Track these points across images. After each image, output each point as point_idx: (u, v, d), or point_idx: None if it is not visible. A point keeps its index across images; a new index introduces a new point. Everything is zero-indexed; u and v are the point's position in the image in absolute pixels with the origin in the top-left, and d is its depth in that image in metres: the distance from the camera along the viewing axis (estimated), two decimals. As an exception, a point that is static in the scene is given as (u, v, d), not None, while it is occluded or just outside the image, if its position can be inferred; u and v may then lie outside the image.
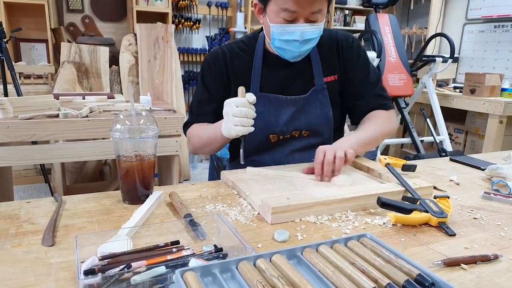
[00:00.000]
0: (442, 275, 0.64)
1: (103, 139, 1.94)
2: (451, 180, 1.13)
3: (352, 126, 1.31)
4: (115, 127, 0.89)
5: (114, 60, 3.33)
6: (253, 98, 1.00)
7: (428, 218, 0.81)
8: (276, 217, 0.81)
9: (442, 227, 0.80)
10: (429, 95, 3.36)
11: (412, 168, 1.10)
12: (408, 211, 0.82)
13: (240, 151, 1.05)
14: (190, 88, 4.02)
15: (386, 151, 4.17)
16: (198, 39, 4.09)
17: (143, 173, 0.90)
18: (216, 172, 2.76)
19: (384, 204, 0.82)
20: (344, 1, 4.40)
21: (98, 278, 0.55)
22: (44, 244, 0.70)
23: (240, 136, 1.02)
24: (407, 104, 3.30)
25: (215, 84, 1.23)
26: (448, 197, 0.89)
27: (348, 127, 2.63)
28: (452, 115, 3.72)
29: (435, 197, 0.89)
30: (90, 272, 0.56)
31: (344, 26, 4.52)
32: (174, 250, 0.65)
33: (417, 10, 4.51)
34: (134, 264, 0.58)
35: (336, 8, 4.42)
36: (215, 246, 0.66)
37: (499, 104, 3.00)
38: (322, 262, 0.59)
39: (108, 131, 0.90)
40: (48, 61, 3.32)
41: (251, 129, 1.01)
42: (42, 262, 0.65)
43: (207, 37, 4.01)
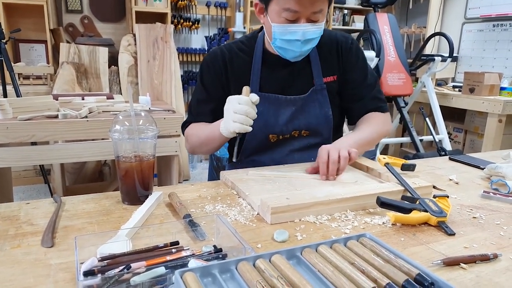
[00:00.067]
0: (442, 274, 0.64)
1: (103, 139, 1.94)
2: (451, 179, 1.13)
3: (351, 126, 1.33)
4: (114, 127, 0.89)
5: (113, 60, 3.33)
6: (256, 98, 1.00)
7: (428, 218, 0.81)
8: (276, 217, 0.81)
9: (442, 227, 0.80)
10: (428, 94, 3.36)
11: (411, 168, 1.10)
12: (407, 211, 0.82)
13: (234, 149, 1.04)
14: (189, 88, 4.02)
15: (385, 150, 4.17)
16: (197, 39, 4.09)
17: (142, 173, 0.90)
18: (216, 172, 2.76)
19: (383, 203, 0.82)
20: (343, 0, 4.40)
21: (98, 279, 0.55)
22: (44, 245, 0.70)
23: (237, 134, 1.02)
24: (406, 104, 3.30)
25: (213, 84, 1.23)
26: (448, 196, 0.89)
27: (348, 127, 2.63)
28: (451, 114, 3.73)
29: (435, 196, 0.89)
30: (89, 273, 0.56)
31: (343, 25, 4.52)
32: (174, 250, 0.65)
33: (416, 9, 4.51)
34: (134, 265, 0.58)
35: (335, 7, 4.41)
36: (214, 246, 0.66)
37: (498, 103, 3.01)
38: (321, 262, 0.59)
39: (107, 132, 0.90)
40: (47, 61, 3.31)
41: (249, 128, 1.00)
42: (41, 263, 0.65)
43: (206, 37, 4.01)
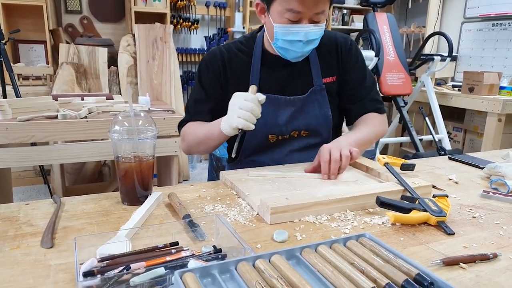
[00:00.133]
0: (441, 274, 0.64)
1: (102, 140, 1.94)
2: (450, 179, 1.13)
3: (350, 127, 1.34)
4: (113, 128, 0.89)
5: (112, 60, 3.33)
6: (263, 97, 1.00)
7: (427, 217, 0.81)
8: (275, 217, 0.81)
9: (441, 226, 0.80)
10: (427, 94, 3.36)
11: (410, 167, 1.10)
12: (407, 211, 0.82)
13: (235, 145, 1.03)
14: (188, 88, 4.02)
15: (385, 150, 4.17)
16: (197, 39, 4.09)
17: (142, 174, 0.90)
18: (215, 172, 2.76)
19: (383, 203, 0.82)
20: (342, 0, 4.40)
21: (97, 279, 0.55)
22: (43, 246, 0.70)
23: (240, 130, 1.01)
24: (405, 103, 3.30)
25: (212, 84, 1.22)
26: (447, 196, 0.89)
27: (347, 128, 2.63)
28: (451, 114, 3.73)
29: (434, 196, 0.90)
30: (89, 274, 0.56)
31: (342, 25, 4.52)
32: (173, 251, 0.65)
33: (415, 9, 4.51)
34: (133, 266, 0.58)
35: (334, 7, 4.41)
36: (214, 247, 0.66)
37: (498, 102, 3.01)
38: (321, 262, 0.59)
39: (107, 132, 0.90)
40: (47, 62, 3.31)
41: (252, 126, 1.00)
42: (41, 264, 0.65)
43: (206, 37, 4.01)
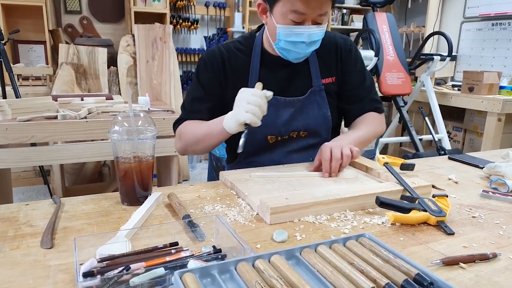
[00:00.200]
0: (441, 274, 0.64)
1: (102, 140, 1.94)
2: (450, 179, 1.13)
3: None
4: (113, 128, 0.89)
5: (112, 61, 3.33)
6: (270, 93, 1.00)
7: (427, 217, 0.81)
8: (275, 217, 0.81)
9: (441, 226, 0.80)
10: (427, 94, 3.36)
11: (410, 167, 1.10)
12: (406, 210, 0.82)
13: (241, 140, 1.00)
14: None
15: (384, 150, 4.17)
16: (196, 40, 4.09)
17: (141, 174, 0.90)
18: (215, 172, 2.76)
19: (382, 203, 0.82)
20: (341, 0, 4.40)
21: (97, 280, 0.55)
22: (43, 247, 0.70)
23: (246, 126, 1.00)
24: (405, 103, 3.30)
25: (211, 82, 1.21)
26: (447, 195, 0.89)
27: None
28: (451, 113, 3.73)
29: (434, 196, 0.90)
30: (89, 274, 0.56)
31: (342, 25, 4.52)
32: (173, 251, 0.65)
33: (414, 8, 4.51)
34: (133, 266, 0.58)
35: (333, 7, 4.41)
36: (214, 247, 0.66)
37: (498, 102, 3.01)
38: (320, 262, 0.59)
39: (107, 133, 0.90)
40: (46, 62, 3.31)
41: (259, 122, 0.98)
42: (40, 264, 0.65)
43: (205, 37, 4.00)
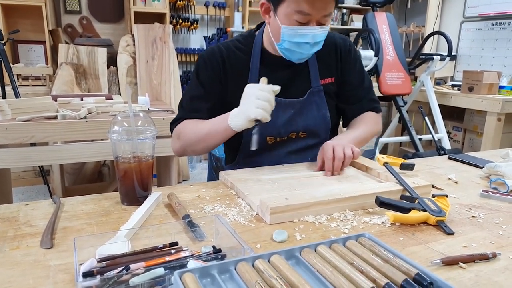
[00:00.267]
0: (441, 274, 0.64)
1: (102, 140, 1.94)
2: (450, 179, 1.13)
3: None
4: (113, 128, 0.89)
5: (112, 61, 3.33)
6: (277, 87, 0.99)
7: (427, 217, 0.81)
8: (275, 217, 0.81)
9: (441, 226, 0.80)
10: (427, 93, 3.36)
11: (410, 167, 1.10)
12: (406, 210, 0.82)
13: (254, 137, 1.00)
14: (188, 88, 4.02)
15: (384, 149, 4.17)
16: (196, 39, 4.09)
17: (141, 174, 0.90)
18: (215, 172, 2.75)
19: (382, 203, 0.82)
20: (341, 0, 4.40)
21: (97, 280, 0.55)
22: (43, 247, 0.70)
23: (257, 122, 0.98)
24: (405, 103, 3.30)
25: (211, 81, 1.18)
26: (447, 195, 0.89)
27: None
28: (451, 113, 3.73)
29: (434, 195, 0.90)
30: (88, 274, 0.56)
31: (341, 25, 4.52)
32: (173, 251, 0.65)
33: (414, 8, 4.51)
34: (133, 266, 0.58)
35: (333, 7, 4.41)
36: (213, 247, 0.66)
37: (497, 101, 3.01)
38: (320, 262, 0.59)
39: (106, 133, 0.90)
40: (46, 62, 3.31)
41: (269, 118, 0.97)
42: (40, 264, 0.65)
43: (205, 37, 4.00)
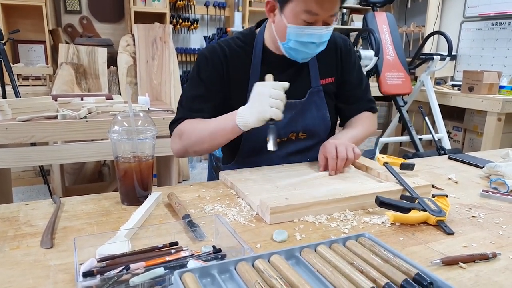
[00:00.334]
0: (441, 274, 0.64)
1: (102, 140, 1.94)
2: (450, 179, 1.13)
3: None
4: (113, 128, 0.89)
5: (112, 61, 3.33)
6: (287, 84, 0.98)
7: (427, 217, 0.81)
8: (275, 217, 0.81)
9: (441, 226, 0.80)
10: (427, 93, 3.36)
11: (410, 167, 1.10)
12: (406, 210, 0.82)
13: (271, 137, 0.98)
14: (188, 88, 4.02)
15: (384, 149, 4.17)
16: (196, 39, 4.09)
17: (141, 174, 0.90)
18: (215, 172, 2.75)
19: (382, 203, 0.82)
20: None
21: (97, 280, 0.55)
22: (43, 246, 0.70)
23: (271, 121, 0.97)
24: (405, 103, 3.30)
25: (213, 79, 1.16)
26: (447, 195, 0.89)
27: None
28: (451, 113, 3.73)
29: (434, 195, 0.90)
30: (88, 274, 0.56)
31: (341, 25, 4.52)
32: (173, 251, 0.65)
33: (414, 8, 4.51)
34: (133, 266, 0.58)
35: (334, 6, 4.40)
36: (213, 247, 0.66)
37: (497, 101, 3.01)
38: (320, 262, 0.59)
39: (106, 132, 0.90)
40: (46, 62, 3.31)
41: (282, 115, 0.96)
42: (40, 264, 0.65)
43: (205, 37, 4.00)
